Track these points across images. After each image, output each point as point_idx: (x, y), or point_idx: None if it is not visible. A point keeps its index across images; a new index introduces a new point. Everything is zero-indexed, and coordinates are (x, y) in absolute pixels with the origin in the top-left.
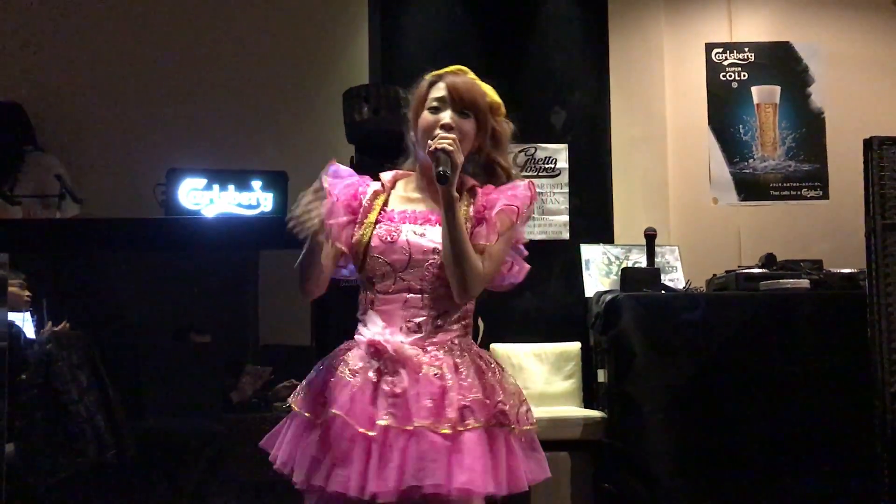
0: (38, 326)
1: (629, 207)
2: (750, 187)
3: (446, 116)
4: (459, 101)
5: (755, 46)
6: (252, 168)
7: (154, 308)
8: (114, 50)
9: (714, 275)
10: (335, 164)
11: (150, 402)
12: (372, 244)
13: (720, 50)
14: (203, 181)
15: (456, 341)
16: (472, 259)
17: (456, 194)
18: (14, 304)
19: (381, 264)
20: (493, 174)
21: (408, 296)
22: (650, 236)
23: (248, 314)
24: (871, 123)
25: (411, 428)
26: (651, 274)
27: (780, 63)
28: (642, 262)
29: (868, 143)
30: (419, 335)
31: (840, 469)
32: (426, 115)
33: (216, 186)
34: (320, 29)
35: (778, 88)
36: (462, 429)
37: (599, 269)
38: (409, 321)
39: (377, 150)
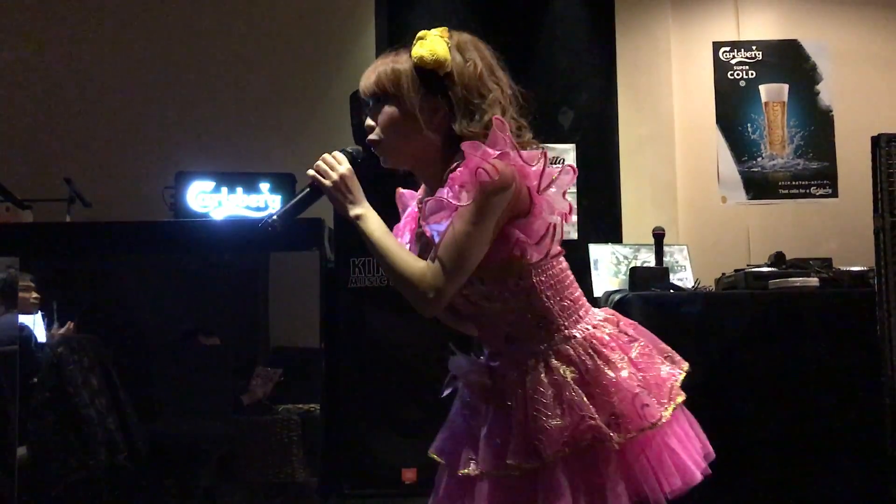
0: (49, 329)
1: (637, 207)
2: (758, 186)
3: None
4: (365, 96)
5: (763, 44)
6: (260, 170)
7: (164, 311)
8: (121, 53)
9: (723, 274)
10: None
11: (161, 405)
12: None
13: (727, 48)
14: (211, 184)
15: (534, 351)
16: (400, 271)
17: (359, 211)
18: (22, 307)
19: None
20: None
21: (479, 320)
22: (658, 235)
23: (258, 316)
24: (880, 121)
25: (480, 473)
26: (660, 273)
27: (788, 61)
28: (651, 261)
29: (876, 141)
30: (499, 359)
31: (850, 468)
32: None
33: (224, 189)
34: (326, 30)
35: (786, 86)
36: (533, 466)
37: (608, 269)
38: (489, 345)
39: None
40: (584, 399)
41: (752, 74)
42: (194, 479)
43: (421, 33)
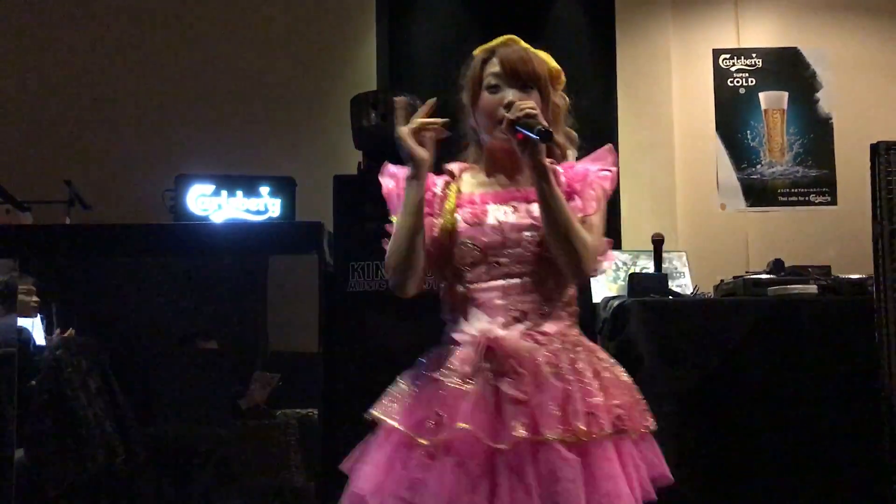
0: (48, 332)
1: (636, 213)
2: (758, 193)
3: (509, 94)
4: (518, 76)
5: (762, 52)
6: (260, 174)
7: (163, 314)
8: (122, 56)
9: (722, 280)
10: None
11: (159, 408)
12: (458, 229)
13: (727, 56)
14: (211, 187)
15: (567, 333)
16: (580, 231)
17: (548, 162)
18: (21, 310)
19: (470, 250)
20: (549, 154)
21: (506, 282)
22: (658, 242)
23: (256, 320)
24: (879, 129)
25: (543, 440)
26: (658, 279)
27: (788, 69)
28: (650, 267)
29: (875, 149)
30: (524, 325)
31: (848, 475)
32: (486, 97)
33: (224, 192)
34: (328, 35)
35: (786, 94)
36: (587, 440)
37: (607, 275)
38: (512, 310)
39: (385, 155)
40: (613, 387)
41: (751, 82)
42: (192, 483)
43: (523, 44)
